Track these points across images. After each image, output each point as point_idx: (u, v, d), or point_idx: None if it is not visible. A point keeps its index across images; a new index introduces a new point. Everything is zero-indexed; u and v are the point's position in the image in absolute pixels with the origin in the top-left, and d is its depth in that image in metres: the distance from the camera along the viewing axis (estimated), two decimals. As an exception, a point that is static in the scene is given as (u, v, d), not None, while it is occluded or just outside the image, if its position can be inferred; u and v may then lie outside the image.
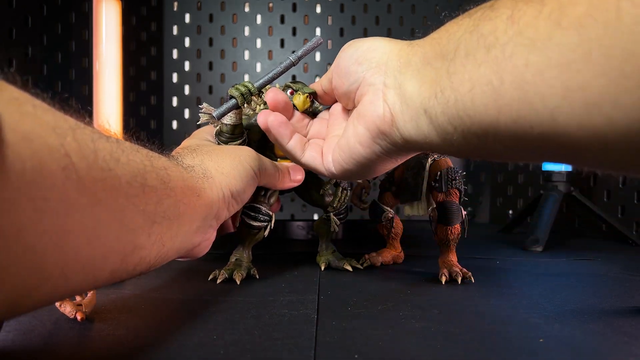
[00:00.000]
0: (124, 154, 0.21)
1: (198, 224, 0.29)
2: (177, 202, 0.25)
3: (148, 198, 0.22)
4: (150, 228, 0.23)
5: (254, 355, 0.22)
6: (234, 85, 0.37)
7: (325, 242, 0.46)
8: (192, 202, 0.27)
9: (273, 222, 0.41)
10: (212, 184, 0.30)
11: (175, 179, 0.25)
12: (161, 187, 0.24)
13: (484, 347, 0.24)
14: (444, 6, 0.80)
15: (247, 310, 0.30)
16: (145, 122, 0.79)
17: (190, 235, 0.28)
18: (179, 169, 0.27)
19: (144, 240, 0.23)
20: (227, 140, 0.39)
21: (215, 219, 0.32)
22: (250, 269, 0.40)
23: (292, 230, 0.69)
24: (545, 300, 0.33)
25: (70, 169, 0.17)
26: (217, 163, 0.32)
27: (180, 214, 0.26)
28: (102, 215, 0.19)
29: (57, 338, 0.25)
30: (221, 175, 0.32)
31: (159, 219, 0.23)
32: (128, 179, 0.21)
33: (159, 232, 0.24)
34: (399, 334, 0.25)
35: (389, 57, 0.28)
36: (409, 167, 0.43)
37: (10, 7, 0.64)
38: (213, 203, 0.30)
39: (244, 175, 0.33)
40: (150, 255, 0.24)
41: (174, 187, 0.25)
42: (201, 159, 0.32)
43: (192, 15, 0.80)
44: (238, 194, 0.33)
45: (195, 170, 0.29)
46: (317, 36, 0.41)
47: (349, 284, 0.38)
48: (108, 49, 0.69)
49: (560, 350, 0.23)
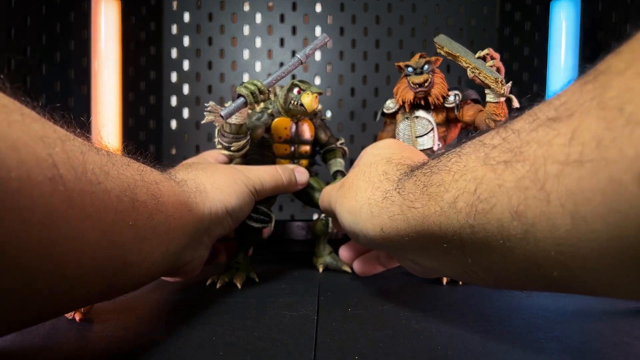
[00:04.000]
0: (114, 167, 0.21)
1: (189, 239, 0.28)
2: (168, 217, 0.24)
3: (138, 213, 0.22)
4: (140, 244, 0.22)
5: (254, 355, 0.22)
6: (242, 84, 0.36)
7: (323, 244, 0.45)
8: (184, 217, 0.27)
9: (273, 224, 0.41)
10: (204, 199, 0.29)
11: (167, 194, 0.25)
12: (152, 202, 0.23)
13: (484, 347, 0.24)
14: (444, 6, 0.80)
15: (246, 311, 0.30)
16: (145, 121, 0.79)
17: (180, 251, 0.28)
18: (171, 183, 0.27)
19: (133, 256, 0.22)
20: (231, 140, 0.38)
21: (207, 235, 0.31)
22: (250, 272, 0.40)
23: (292, 230, 0.69)
24: (546, 300, 0.33)
25: (58, 181, 0.16)
26: (212, 178, 0.32)
27: (170, 229, 0.25)
28: (90, 230, 0.18)
29: (56, 338, 0.25)
30: (216, 190, 0.31)
31: (149, 235, 0.23)
32: (117, 193, 0.20)
33: (149, 248, 0.23)
34: (399, 334, 0.25)
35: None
36: None
37: (9, 7, 0.64)
38: (204, 218, 0.29)
39: (239, 193, 0.33)
40: (140, 272, 0.23)
41: (165, 201, 0.24)
42: (195, 173, 0.31)
43: (192, 14, 0.80)
44: (234, 211, 0.32)
45: (188, 185, 0.29)
46: (324, 34, 0.41)
47: (349, 285, 0.38)
48: (107, 48, 0.69)
49: (560, 351, 0.23)
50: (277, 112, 0.42)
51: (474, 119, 0.42)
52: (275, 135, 0.42)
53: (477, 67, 0.38)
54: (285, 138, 0.42)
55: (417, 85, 0.41)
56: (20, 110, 0.16)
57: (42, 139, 0.16)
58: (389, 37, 0.80)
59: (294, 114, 0.41)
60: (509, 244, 0.18)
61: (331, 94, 0.81)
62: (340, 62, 0.80)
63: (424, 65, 0.42)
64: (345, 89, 0.81)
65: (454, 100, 0.42)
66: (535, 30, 0.76)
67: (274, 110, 0.42)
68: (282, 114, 0.42)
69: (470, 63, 0.39)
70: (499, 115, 0.39)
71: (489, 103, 0.39)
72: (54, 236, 0.16)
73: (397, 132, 0.45)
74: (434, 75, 0.42)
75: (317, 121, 0.45)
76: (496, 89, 0.38)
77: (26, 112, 0.17)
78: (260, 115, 0.42)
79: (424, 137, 0.43)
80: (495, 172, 0.19)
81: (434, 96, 0.41)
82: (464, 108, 0.43)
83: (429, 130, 0.43)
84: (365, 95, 0.81)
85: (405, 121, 0.44)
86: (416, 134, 0.43)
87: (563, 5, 0.66)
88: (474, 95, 0.43)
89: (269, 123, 0.42)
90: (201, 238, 0.30)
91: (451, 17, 0.80)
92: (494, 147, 0.19)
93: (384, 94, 0.80)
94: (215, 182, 0.32)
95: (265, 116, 0.42)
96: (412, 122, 0.43)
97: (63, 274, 0.17)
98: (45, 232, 0.16)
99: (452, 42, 0.40)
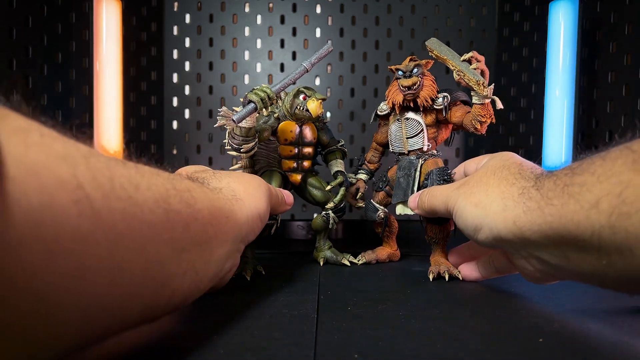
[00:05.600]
0: (143, 179, 0.19)
1: (228, 247, 0.28)
2: (204, 225, 0.24)
3: (173, 224, 0.21)
4: (179, 256, 0.21)
5: (255, 354, 0.22)
6: (252, 90, 0.39)
7: (323, 239, 0.48)
8: (221, 225, 0.26)
9: (279, 221, 0.44)
10: (242, 206, 0.29)
11: (202, 201, 0.24)
12: (187, 210, 0.22)
13: (484, 347, 0.24)
14: (444, 7, 0.80)
15: (247, 310, 0.30)
16: (146, 122, 0.79)
17: (223, 260, 0.27)
18: (204, 189, 0.26)
19: (174, 269, 0.21)
20: (241, 143, 0.41)
21: (243, 242, 0.31)
22: (257, 265, 0.42)
23: (292, 230, 0.69)
24: (545, 300, 0.33)
25: (84, 202, 0.15)
26: (244, 185, 0.32)
27: (209, 238, 0.24)
28: (123, 250, 0.17)
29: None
30: (249, 196, 0.31)
31: (187, 246, 0.22)
32: (150, 206, 0.19)
33: (190, 260, 0.22)
34: (399, 334, 0.25)
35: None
36: (401, 167, 0.44)
37: (10, 7, 0.64)
38: (242, 225, 0.29)
39: (266, 198, 0.34)
40: (183, 285, 0.22)
41: (201, 209, 0.24)
42: (227, 181, 0.31)
43: (192, 15, 0.80)
44: (265, 215, 0.33)
45: (224, 192, 0.29)
46: (328, 44, 0.44)
47: (349, 284, 0.38)
48: (108, 49, 0.69)
49: (560, 350, 0.23)
50: (283, 116, 0.45)
51: (461, 120, 0.43)
52: (282, 137, 0.45)
53: (462, 69, 0.40)
54: (291, 140, 0.45)
55: (405, 88, 0.43)
56: (39, 130, 0.15)
57: (65, 159, 0.15)
58: (389, 37, 0.80)
59: (299, 118, 0.44)
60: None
61: (331, 95, 0.81)
62: (340, 63, 0.81)
63: (413, 68, 0.43)
64: (345, 89, 0.81)
65: (442, 102, 0.43)
66: (534, 30, 0.76)
67: (280, 114, 0.45)
68: (288, 118, 0.45)
69: (456, 66, 0.40)
70: (484, 117, 0.41)
71: (475, 105, 0.41)
72: (83, 262, 0.15)
73: (390, 133, 0.46)
74: (424, 78, 0.43)
75: (319, 124, 0.47)
76: (478, 90, 0.39)
77: (45, 132, 0.16)
78: (267, 119, 0.45)
79: (414, 137, 0.44)
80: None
81: (422, 98, 0.43)
82: (452, 109, 0.44)
83: (418, 131, 0.44)
84: (365, 95, 0.81)
85: (397, 123, 0.45)
86: (407, 135, 0.44)
87: (562, 6, 0.66)
88: (464, 97, 0.44)
89: (275, 126, 0.45)
90: (239, 245, 0.30)
91: (451, 17, 0.80)
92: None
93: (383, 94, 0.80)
94: (247, 189, 0.32)
95: (272, 120, 0.45)
96: (402, 124, 0.45)
97: (97, 300, 0.16)
98: (72, 260, 0.15)
99: (442, 45, 0.42)
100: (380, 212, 0.47)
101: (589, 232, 0.23)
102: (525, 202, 0.27)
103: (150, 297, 0.20)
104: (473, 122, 0.41)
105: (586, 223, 0.23)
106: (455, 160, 0.81)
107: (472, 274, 0.39)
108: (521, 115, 0.78)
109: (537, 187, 0.27)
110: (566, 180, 0.25)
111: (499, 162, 0.33)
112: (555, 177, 0.26)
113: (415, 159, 0.44)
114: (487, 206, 0.30)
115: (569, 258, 0.26)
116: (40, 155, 0.15)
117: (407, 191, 0.43)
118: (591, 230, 0.22)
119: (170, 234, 0.20)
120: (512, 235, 0.28)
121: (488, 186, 0.31)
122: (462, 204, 0.33)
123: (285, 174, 0.46)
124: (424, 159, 0.44)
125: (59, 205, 0.14)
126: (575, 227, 0.23)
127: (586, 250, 0.24)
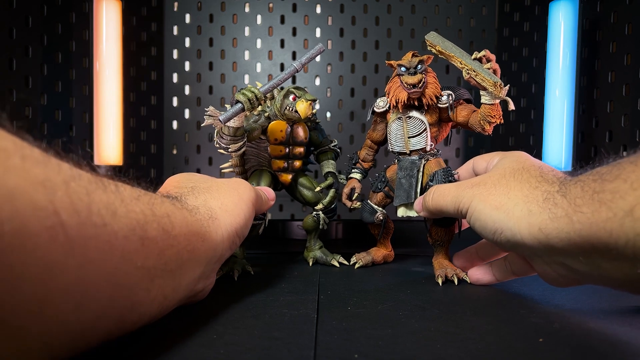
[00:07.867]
0: (122, 204, 0.19)
1: (202, 269, 0.27)
2: (179, 251, 0.24)
3: (148, 252, 0.21)
4: (149, 283, 0.21)
5: (254, 355, 0.22)
6: (240, 90, 0.39)
7: (314, 239, 0.48)
8: (196, 249, 0.26)
9: (267, 220, 0.44)
10: (217, 226, 0.29)
11: (179, 226, 0.24)
12: (163, 237, 0.22)
13: (484, 347, 0.24)
14: (444, 7, 0.80)
15: (247, 310, 0.30)
16: (146, 122, 0.79)
17: (193, 283, 0.27)
18: (183, 213, 0.25)
19: (142, 296, 0.21)
20: (229, 142, 0.40)
21: (219, 262, 0.30)
22: (245, 265, 0.42)
23: (292, 230, 0.69)
24: (545, 300, 0.33)
25: (58, 229, 0.15)
26: (221, 201, 0.31)
27: (183, 263, 0.24)
28: (92, 275, 0.17)
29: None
30: (225, 213, 0.30)
31: (159, 273, 0.22)
32: (125, 233, 0.19)
33: (160, 286, 0.22)
34: (399, 334, 0.25)
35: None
36: (402, 168, 0.43)
37: (10, 7, 0.64)
38: (217, 246, 0.28)
39: (246, 212, 0.32)
40: (151, 310, 0.22)
41: (177, 235, 0.23)
42: (204, 198, 0.30)
43: (192, 15, 0.80)
44: (242, 231, 0.32)
45: (201, 212, 0.28)
46: (320, 44, 0.43)
47: (349, 284, 0.38)
48: (108, 49, 0.69)
49: (560, 350, 0.23)
50: (273, 116, 0.44)
51: (467, 120, 0.41)
52: (271, 137, 0.44)
53: (474, 69, 0.37)
54: (281, 140, 0.44)
55: (411, 86, 0.40)
56: (21, 152, 0.15)
57: (43, 184, 0.15)
58: (389, 37, 0.80)
59: (289, 119, 0.44)
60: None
61: (331, 95, 0.81)
62: (340, 63, 0.81)
63: (417, 64, 0.40)
64: (345, 89, 0.81)
65: (447, 101, 0.41)
66: (534, 30, 0.76)
67: (270, 114, 0.44)
68: (279, 117, 0.44)
69: (467, 64, 0.38)
70: (494, 117, 0.39)
71: (484, 105, 0.39)
72: (49, 289, 0.15)
73: (389, 132, 0.44)
74: (427, 75, 0.41)
75: (311, 124, 0.47)
76: (495, 92, 0.37)
77: (27, 154, 0.15)
78: (257, 118, 0.44)
79: (416, 137, 0.42)
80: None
81: (428, 97, 0.40)
82: (457, 108, 0.42)
83: (422, 130, 0.42)
84: (365, 95, 0.81)
85: (398, 121, 0.43)
86: (409, 134, 0.42)
87: (562, 6, 0.66)
88: (467, 95, 0.43)
89: (265, 125, 0.44)
90: (214, 266, 0.30)
91: (451, 17, 0.80)
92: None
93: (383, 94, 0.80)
94: (224, 205, 0.31)
95: (262, 119, 0.44)
96: (404, 122, 0.42)
97: (61, 326, 0.16)
98: (39, 287, 0.15)
99: (445, 40, 0.39)
100: (379, 214, 0.45)
101: (623, 240, 0.22)
102: (551, 208, 0.27)
103: (116, 322, 0.20)
104: (482, 123, 0.40)
105: (620, 231, 0.22)
106: (455, 160, 0.81)
107: (485, 277, 0.38)
108: (521, 115, 0.78)
109: (562, 193, 0.26)
110: (595, 186, 0.24)
111: (517, 164, 0.32)
112: (582, 182, 0.25)
113: (418, 159, 0.42)
114: (510, 210, 0.29)
115: (599, 266, 0.25)
116: (19, 180, 0.14)
117: (410, 192, 0.42)
118: (625, 238, 0.22)
119: (143, 261, 0.20)
120: (536, 241, 0.28)
121: (509, 188, 0.30)
122: (479, 205, 0.32)
123: (275, 173, 0.46)
124: (426, 159, 0.42)
125: (30, 233, 0.14)
126: (607, 236, 0.23)
127: (619, 259, 0.23)
